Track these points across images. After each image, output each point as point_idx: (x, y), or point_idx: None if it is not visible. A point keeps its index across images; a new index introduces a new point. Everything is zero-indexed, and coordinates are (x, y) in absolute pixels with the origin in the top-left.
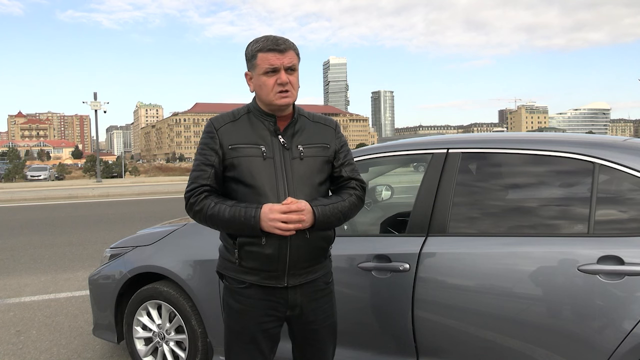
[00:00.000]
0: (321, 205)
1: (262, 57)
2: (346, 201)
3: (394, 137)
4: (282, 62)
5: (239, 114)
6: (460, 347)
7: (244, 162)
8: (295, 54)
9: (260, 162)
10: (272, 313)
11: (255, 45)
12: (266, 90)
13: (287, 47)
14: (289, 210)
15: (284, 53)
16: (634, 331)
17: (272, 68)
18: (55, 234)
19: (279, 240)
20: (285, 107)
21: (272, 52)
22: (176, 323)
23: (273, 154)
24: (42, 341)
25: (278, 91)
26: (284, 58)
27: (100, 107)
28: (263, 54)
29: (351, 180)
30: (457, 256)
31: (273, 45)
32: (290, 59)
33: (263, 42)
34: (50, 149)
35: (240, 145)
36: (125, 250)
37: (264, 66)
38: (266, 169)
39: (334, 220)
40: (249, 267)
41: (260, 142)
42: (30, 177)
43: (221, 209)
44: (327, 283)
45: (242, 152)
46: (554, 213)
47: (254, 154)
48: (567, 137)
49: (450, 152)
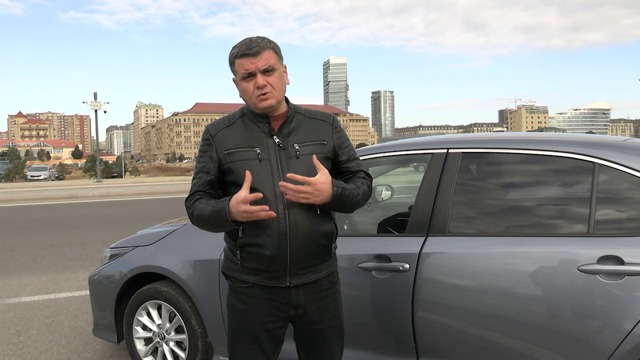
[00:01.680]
0: (340, 187)
1: (238, 63)
2: (360, 189)
3: (394, 137)
4: (256, 65)
5: (234, 118)
6: (461, 347)
7: (240, 166)
8: (273, 52)
9: (256, 165)
10: (275, 313)
11: (233, 51)
12: (248, 95)
13: (260, 49)
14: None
15: (256, 56)
16: (634, 331)
17: (248, 73)
18: (55, 234)
19: (278, 240)
20: (268, 109)
21: (245, 57)
22: (176, 323)
23: (269, 155)
24: (42, 341)
25: (257, 95)
26: (257, 61)
27: (100, 107)
28: (238, 60)
29: (360, 172)
30: (457, 256)
31: (246, 49)
32: (265, 61)
33: (238, 47)
34: (50, 149)
35: (235, 150)
36: (125, 250)
37: (241, 72)
38: (262, 171)
39: (347, 203)
40: (251, 268)
41: (255, 145)
42: (30, 177)
43: (204, 209)
44: (332, 283)
45: (237, 156)
46: (554, 213)
47: (250, 157)
48: (567, 137)
49: (450, 152)
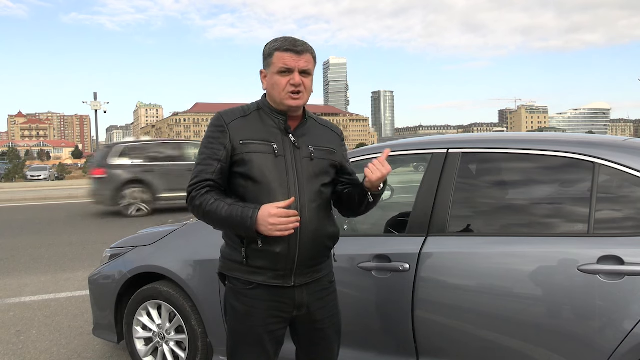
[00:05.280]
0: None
1: (279, 56)
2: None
3: (394, 137)
4: (297, 64)
5: (249, 110)
6: (461, 347)
7: (255, 158)
8: (312, 57)
9: (271, 159)
10: (278, 314)
11: (274, 44)
12: (278, 90)
13: (304, 49)
14: (287, 214)
15: (300, 55)
16: (634, 331)
17: (286, 68)
18: (55, 234)
19: (288, 238)
20: (295, 108)
21: (289, 52)
22: (176, 323)
23: (284, 151)
24: (42, 341)
25: (290, 91)
26: (299, 60)
27: (100, 107)
28: (280, 53)
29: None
30: (457, 256)
31: (291, 45)
32: (306, 62)
33: (282, 41)
34: (50, 149)
35: (251, 141)
36: (125, 250)
37: (279, 65)
38: (277, 167)
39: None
40: (257, 267)
41: (272, 139)
42: (30, 177)
43: (219, 207)
44: (331, 282)
45: (253, 148)
46: (554, 213)
47: (266, 151)
48: (567, 137)
49: (450, 152)
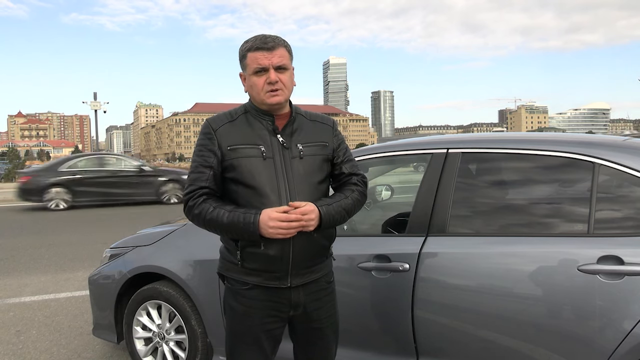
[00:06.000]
0: (326, 205)
1: (251, 56)
2: (349, 198)
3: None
4: (270, 61)
5: (236, 114)
6: (461, 347)
7: (244, 163)
8: (286, 51)
9: (260, 163)
10: (276, 314)
11: (245, 45)
12: (257, 90)
13: (275, 44)
14: (287, 219)
15: (272, 51)
16: (634, 331)
17: (261, 67)
18: (55, 234)
19: (281, 241)
20: (276, 105)
21: (260, 50)
22: (176, 323)
23: (273, 153)
24: (42, 341)
25: (268, 90)
26: (272, 57)
27: (100, 107)
28: (252, 53)
29: (352, 177)
30: (457, 256)
31: (261, 43)
32: (279, 58)
33: (252, 41)
34: (50, 149)
35: (239, 146)
36: (125, 250)
37: (253, 66)
38: (266, 169)
39: (338, 218)
40: (252, 268)
41: (260, 142)
42: None
43: (220, 214)
44: (329, 282)
45: (241, 152)
46: (554, 213)
47: (254, 154)
48: (567, 137)
49: (450, 152)
